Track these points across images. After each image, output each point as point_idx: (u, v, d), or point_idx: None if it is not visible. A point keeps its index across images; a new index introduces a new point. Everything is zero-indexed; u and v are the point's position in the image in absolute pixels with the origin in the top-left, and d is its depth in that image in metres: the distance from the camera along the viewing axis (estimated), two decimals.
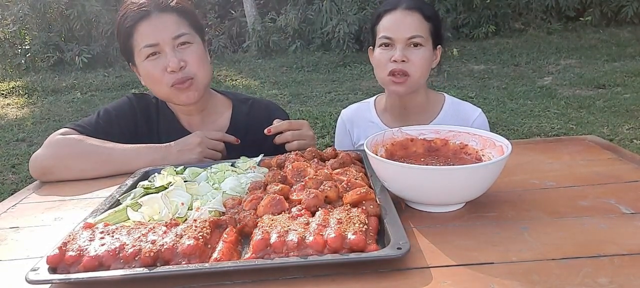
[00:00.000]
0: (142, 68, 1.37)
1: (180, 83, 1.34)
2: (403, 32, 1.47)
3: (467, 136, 1.03)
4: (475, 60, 8.18)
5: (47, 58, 9.56)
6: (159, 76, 1.34)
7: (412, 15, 1.48)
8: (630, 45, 8.20)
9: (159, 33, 1.32)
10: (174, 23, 1.34)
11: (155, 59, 1.33)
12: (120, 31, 1.37)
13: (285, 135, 1.30)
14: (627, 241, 0.76)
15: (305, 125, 1.34)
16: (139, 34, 1.33)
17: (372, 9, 8.90)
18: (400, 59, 1.47)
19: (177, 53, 1.33)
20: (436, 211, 0.90)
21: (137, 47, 1.35)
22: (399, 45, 1.48)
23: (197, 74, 1.36)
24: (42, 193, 1.22)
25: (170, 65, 1.31)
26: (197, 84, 1.37)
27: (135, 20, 1.33)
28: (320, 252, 0.72)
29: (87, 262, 0.72)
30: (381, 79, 1.56)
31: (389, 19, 1.51)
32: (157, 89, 1.39)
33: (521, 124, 4.83)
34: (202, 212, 0.90)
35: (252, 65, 8.92)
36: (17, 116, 6.60)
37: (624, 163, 1.12)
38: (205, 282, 0.71)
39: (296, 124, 1.32)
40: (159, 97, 1.42)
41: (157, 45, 1.32)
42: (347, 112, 1.78)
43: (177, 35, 1.33)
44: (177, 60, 1.32)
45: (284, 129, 1.30)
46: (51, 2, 9.58)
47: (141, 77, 1.42)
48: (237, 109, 1.54)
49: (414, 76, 1.50)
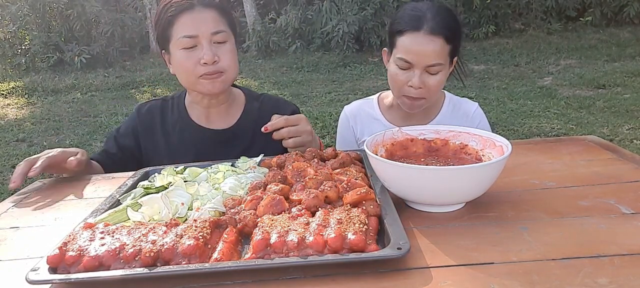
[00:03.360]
0: (175, 57, 1.41)
1: (210, 74, 1.39)
2: (424, 59, 1.41)
3: (467, 136, 1.03)
4: (475, 60, 8.18)
5: (47, 58, 9.56)
6: (191, 67, 1.39)
7: (435, 41, 1.40)
8: (630, 45, 8.20)
9: (199, 26, 1.37)
10: (214, 19, 1.40)
11: (191, 50, 1.38)
12: (161, 18, 1.43)
13: (281, 132, 1.30)
14: (627, 241, 0.76)
15: (302, 120, 1.34)
16: (180, 24, 1.38)
17: (373, 10, 8.91)
18: (417, 86, 1.43)
19: (213, 48, 1.38)
20: (436, 211, 0.90)
21: (175, 36, 1.39)
22: (417, 71, 1.43)
23: (228, 69, 1.41)
24: (42, 193, 1.22)
25: (205, 58, 1.36)
26: (226, 77, 1.42)
27: (179, 11, 1.38)
28: (320, 252, 0.72)
29: (87, 262, 0.72)
30: (395, 94, 1.55)
31: (411, 40, 1.42)
32: (185, 77, 1.43)
33: (521, 124, 4.83)
34: (202, 212, 0.90)
35: (252, 66, 8.93)
36: (17, 116, 6.60)
37: (624, 163, 1.12)
38: (205, 282, 0.71)
39: (293, 120, 1.32)
40: (185, 84, 1.47)
41: (196, 38, 1.37)
42: (350, 107, 1.78)
43: (215, 31, 1.38)
44: (212, 54, 1.37)
45: (281, 126, 1.30)
46: (51, 2, 9.58)
47: (171, 65, 1.47)
48: (250, 104, 1.59)
49: (430, 100, 1.51)
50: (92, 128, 5.75)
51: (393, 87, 1.53)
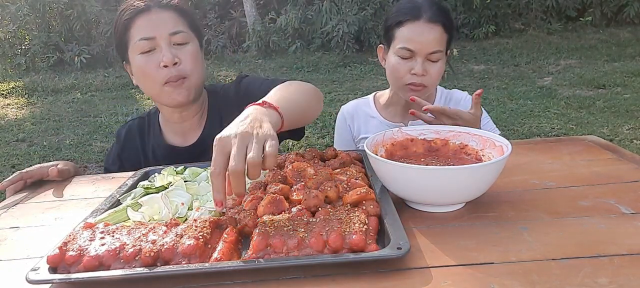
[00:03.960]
0: (135, 63, 1.34)
1: (173, 80, 1.31)
2: (425, 47, 1.45)
3: (467, 136, 1.03)
4: (475, 60, 8.18)
5: (47, 58, 9.56)
6: (151, 72, 1.31)
7: (435, 28, 1.45)
8: (630, 45, 8.20)
9: (156, 27, 1.30)
10: (172, 19, 1.33)
11: (149, 54, 1.31)
12: (118, 24, 1.36)
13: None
14: (627, 241, 0.76)
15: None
16: (136, 27, 1.32)
17: (373, 10, 8.91)
18: (421, 73, 1.46)
19: (172, 49, 1.31)
20: (436, 211, 0.90)
21: (132, 40, 1.32)
22: (419, 58, 1.46)
23: (191, 73, 1.34)
24: (42, 193, 1.22)
25: (164, 60, 1.29)
26: (190, 83, 1.34)
27: (134, 14, 1.32)
28: (320, 252, 0.72)
29: (87, 262, 0.73)
30: (397, 87, 1.56)
31: (411, 29, 1.47)
32: (148, 86, 1.35)
33: (521, 124, 4.83)
34: (202, 212, 0.90)
35: (252, 66, 8.92)
36: (17, 116, 6.60)
37: (624, 163, 1.12)
38: (205, 282, 0.71)
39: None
40: (150, 95, 1.39)
41: (153, 39, 1.30)
42: (347, 107, 1.79)
43: (174, 31, 1.31)
44: (172, 55, 1.29)
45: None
46: (51, 2, 9.57)
47: (133, 75, 1.39)
48: (212, 106, 1.49)
49: (431, 87, 1.54)
50: (92, 128, 5.75)
51: (395, 79, 1.53)
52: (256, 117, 0.87)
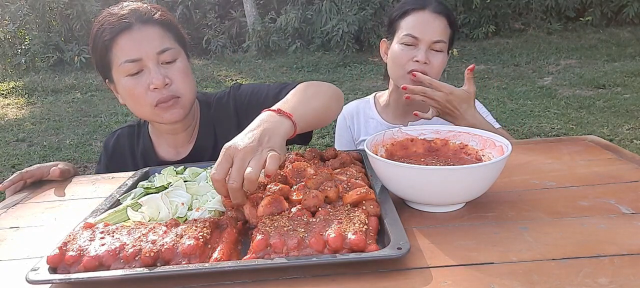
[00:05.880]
0: (121, 85, 1.25)
1: (165, 102, 1.24)
2: (430, 34, 1.47)
3: (467, 136, 1.03)
4: (475, 60, 8.18)
5: (47, 58, 9.57)
6: (141, 95, 1.23)
7: (440, 19, 1.48)
8: (630, 45, 8.21)
9: (141, 47, 1.21)
10: (158, 36, 1.24)
11: (137, 76, 1.22)
12: (97, 44, 1.26)
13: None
14: (627, 241, 0.76)
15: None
16: (119, 48, 1.22)
17: (373, 10, 8.92)
18: (423, 60, 1.46)
19: (162, 69, 1.23)
20: (436, 211, 0.90)
21: (116, 62, 1.23)
22: (422, 46, 1.48)
23: (184, 92, 1.27)
24: (42, 193, 1.22)
25: (154, 82, 1.21)
26: (183, 102, 1.28)
27: (115, 33, 1.21)
28: (320, 252, 0.72)
29: (87, 262, 0.72)
30: (397, 75, 1.54)
31: (416, 18, 1.49)
32: (138, 109, 1.28)
33: (521, 124, 4.84)
34: (202, 212, 0.90)
35: (252, 65, 8.92)
36: (17, 116, 6.60)
37: (624, 163, 1.12)
38: (205, 282, 0.71)
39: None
40: (141, 117, 1.33)
41: (140, 61, 1.21)
42: (347, 107, 1.79)
43: (161, 49, 1.23)
44: (162, 77, 1.21)
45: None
46: (51, 2, 9.58)
47: (119, 95, 1.30)
48: (204, 116, 1.44)
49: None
50: (92, 128, 5.75)
51: (396, 68, 1.53)
52: (267, 129, 0.88)
